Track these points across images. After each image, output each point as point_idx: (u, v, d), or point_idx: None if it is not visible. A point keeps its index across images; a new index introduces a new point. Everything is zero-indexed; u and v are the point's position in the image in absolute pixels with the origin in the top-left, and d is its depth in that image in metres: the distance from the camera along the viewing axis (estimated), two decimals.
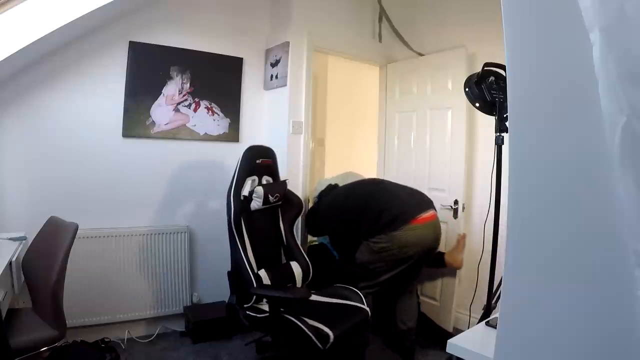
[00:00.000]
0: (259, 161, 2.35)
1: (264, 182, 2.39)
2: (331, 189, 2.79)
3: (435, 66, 3.03)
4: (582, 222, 0.62)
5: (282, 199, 2.43)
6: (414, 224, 2.29)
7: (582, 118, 0.61)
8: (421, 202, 2.44)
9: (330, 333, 1.91)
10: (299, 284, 2.38)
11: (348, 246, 2.53)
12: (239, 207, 2.19)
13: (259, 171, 2.38)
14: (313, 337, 1.87)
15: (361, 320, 2.14)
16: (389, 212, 2.31)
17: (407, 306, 2.57)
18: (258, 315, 2.07)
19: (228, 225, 2.15)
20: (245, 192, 2.27)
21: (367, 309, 2.19)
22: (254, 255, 2.23)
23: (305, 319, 1.95)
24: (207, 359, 2.48)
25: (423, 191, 2.63)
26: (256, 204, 2.29)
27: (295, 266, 2.40)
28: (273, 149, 2.50)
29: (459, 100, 2.66)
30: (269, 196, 2.31)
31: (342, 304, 2.23)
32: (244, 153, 2.29)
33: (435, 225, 2.41)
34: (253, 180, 2.33)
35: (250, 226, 2.27)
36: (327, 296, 2.30)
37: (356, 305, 2.20)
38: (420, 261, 2.44)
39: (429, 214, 2.37)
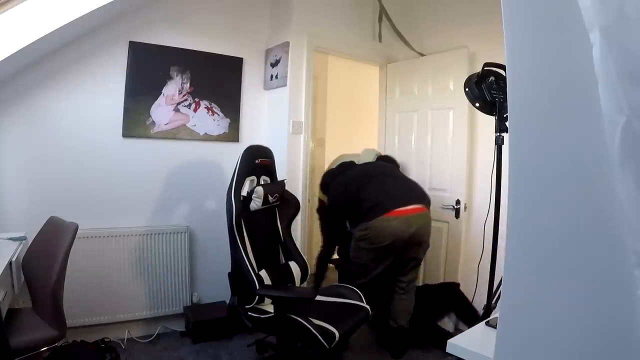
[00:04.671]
0: (258, 161, 2.35)
1: (262, 182, 2.39)
2: (344, 169, 2.81)
3: (436, 66, 3.03)
4: (582, 222, 0.62)
5: (281, 199, 2.43)
6: (387, 216, 2.34)
7: (582, 118, 0.61)
8: (406, 195, 2.46)
9: (336, 332, 1.92)
10: (297, 283, 2.38)
11: (335, 233, 2.70)
12: (240, 208, 2.18)
13: (258, 171, 2.37)
14: (319, 337, 1.87)
15: (362, 318, 2.15)
16: (367, 203, 2.41)
17: (399, 305, 2.60)
18: (261, 316, 2.07)
19: (229, 225, 2.13)
20: (244, 192, 2.25)
21: (367, 307, 2.20)
22: (254, 255, 2.22)
23: (311, 319, 1.96)
24: (207, 359, 2.48)
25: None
26: (255, 204, 2.28)
27: (293, 266, 2.40)
28: (273, 149, 2.49)
29: (461, 101, 2.65)
30: (269, 196, 2.31)
31: (343, 302, 2.24)
32: (243, 153, 2.29)
33: (412, 220, 2.38)
34: (252, 181, 2.33)
35: (250, 226, 2.27)
36: (327, 295, 2.30)
37: (357, 304, 2.21)
38: (403, 255, 2.48)
39: (410, 207, 2.39)
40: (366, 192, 2.47)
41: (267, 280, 2.20)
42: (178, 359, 2.47)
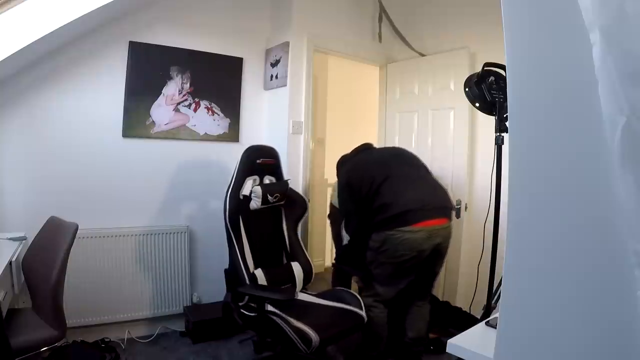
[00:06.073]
0: (259, 161, 2.36)
1: (266, 181, 2.39)
2: (363, 149, 2.60)
3: (437, 66, 3.03)
4: (582, 222, 0.62)
5: (283, 198, 2.43)
6: (411, 227, 2.14)
7: (582, 118, 0.61)
8: (431, 206, 2.22)
9: (314, 336, 1.85)
10: (299, 285, 2.36)
11: (356, 225, 2.36)
12: (235, 207, 2.21)
13: (260, 171, 2.38)
14: (295, 340, 1.85)
15: (354, 325, 2.08)
16: (388, 209, 2.16)
17: (417, 313, 2.42)
18: (250, 314, 2.08)
19: (224, 224, 2.19)
20: (245, 191, 2.27)
21: (363, 313, 2.12)
22: (252, 254, 2.23)
23: (291, 320, 1.94)
24: (207, 359, 2.48)
25: None
26: (255, 203, 2.29)
27: (296, 267, 2.38)
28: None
29: (461, 101, 2.65)
30: (268, 196, 2.31)
31: (338, 307, 2.18)
32: (243, 153, 2.31)
33: (437, 232, 2.20)
34: (254, 180, 2.33)
35: (250, 225, 2.28)
36: (324, 299, 2.28)
37: (351, 310, 2.14)
38: (424, 269, 2.30)
39: (434, 220, 2.19)
40: (385, 195, 2.20)
41: (262, 279, 2.20)
42: (178, 359, 2.47)
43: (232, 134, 2.97)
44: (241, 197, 2.25)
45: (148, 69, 2.64)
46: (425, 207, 2.20)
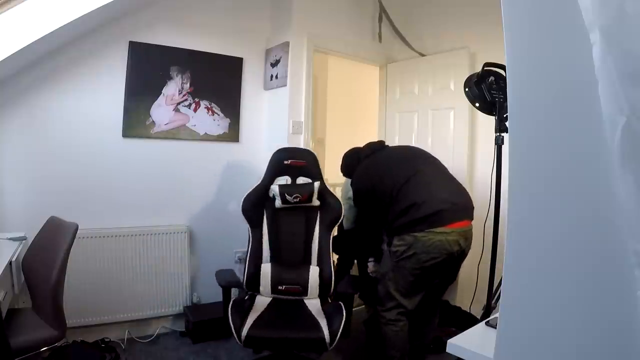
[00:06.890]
0: (288, 162, 2.42)
1: (299, 182, 2.46)
2: (373, 150, 2.46)
3: (437, 66, 3.04)
4: (582, 222, 0.62)
5: (309, 200, 2.38)
6: (445, 228, 2.00)
7: (582, 118, 0.61)
8: (461, 206, 2.12)
9: (244, 330, 1.94)
10: (312, 290, 2.30)
11: (371, 228, 2.31)
12: (253, 204, 2.37)
13: (291, 172, 2.44)
14: (232, 327, 1.94)
15: (305, 340, 1.99)
16: (422, 208, 2.01)
17: (426, 328, 2.35)
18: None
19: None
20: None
21: (325, 335, 1.93)
22: (270, 249, 2.35)
23: (252, 313, 2.05)
24: (207, 359, 2.48)
25: None
26: (277, 202, 2.37)
27: (313, 272, 2.32)
28: (273, 149, 2.50)
29: (461, 101, 2.65)
30: (286, 195, 2.35)
31: (310, 317, 2.13)
32: (272, 154, 2.44)
33: (465, 233, 2.11)
34: (286, 180, 2.43)
35: (274, 222, 2.40)
36: (320, 304, 2.24)
37: (314, 323, 2.04)
38: (447, 273, 2.21)
39: (463, 222, 2.09)
40: (411, 195, 2.05)
41: (266, 274, 2.29)
42: (178, 359, 2.47)
43: (232, 134, 2.97)
44: (271, 195, 2.39)
45: (148, 69, 2.64)
46: (455, 207, 2.07)
